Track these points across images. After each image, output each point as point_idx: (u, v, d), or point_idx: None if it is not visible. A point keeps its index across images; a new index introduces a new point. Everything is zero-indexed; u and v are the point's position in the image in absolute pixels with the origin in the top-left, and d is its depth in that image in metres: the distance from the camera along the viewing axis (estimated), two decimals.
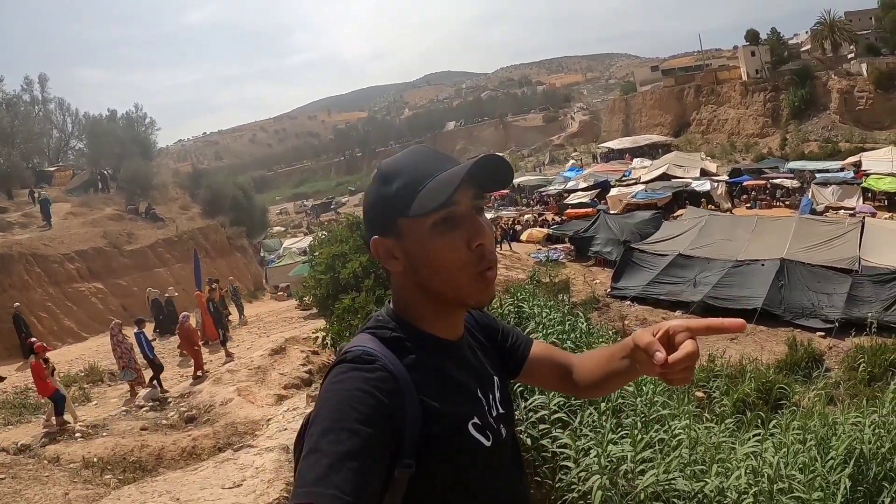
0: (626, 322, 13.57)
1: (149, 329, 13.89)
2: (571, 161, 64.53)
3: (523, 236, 27.31)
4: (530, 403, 4.02)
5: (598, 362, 1.40)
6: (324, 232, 21.29)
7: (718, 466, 3.31)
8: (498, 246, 28.23)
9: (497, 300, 6.05)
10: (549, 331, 5.50)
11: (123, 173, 28.93)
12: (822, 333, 14.79)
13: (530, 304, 6.49)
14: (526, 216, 33.94)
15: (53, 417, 9.94)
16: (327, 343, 11.71)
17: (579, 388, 1.46)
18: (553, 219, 32.97)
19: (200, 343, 13.18)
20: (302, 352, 13.21)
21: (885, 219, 25.09)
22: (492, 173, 1.15)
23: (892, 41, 54.73)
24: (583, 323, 6.57)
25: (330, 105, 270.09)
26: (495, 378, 1.33)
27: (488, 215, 1.58)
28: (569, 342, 5.40)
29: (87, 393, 12.32)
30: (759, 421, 4.46)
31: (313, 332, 12.74)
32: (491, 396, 1.27)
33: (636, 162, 50.13)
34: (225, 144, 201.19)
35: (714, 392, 7.04)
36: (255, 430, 9.05)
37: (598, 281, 20.23)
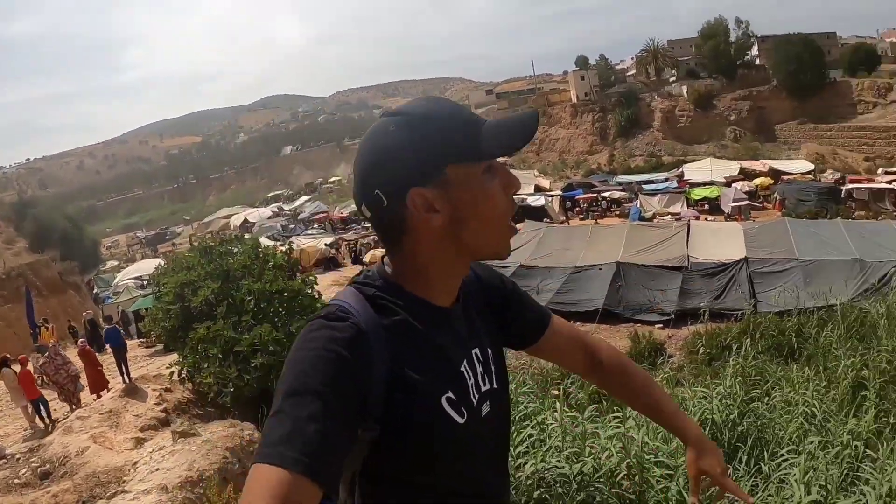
0: None
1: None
2: None
3: (366, 258, 27.07)
4: None
5: (643, 400, 1.49)
6: (162, 262, 19.99)
7: (590, 448, 3.54)
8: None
9: None
10: None
11: None
12: (661, 325, 15.98)
13: None
14: (368, 238, 33.85)
15: None
16: (184, 377, 11.00)
17: (597, 380, 1.52)
18: None
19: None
20: (154, 390, 12.24)
21: (708, 220, 27.52)
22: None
23: (710, 66, 61.08)
24: None
25: (162, 129, 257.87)
26: (488, 350, 1.24)
27: (328, 239, 1.40)
28: None
29: None
30: (615, 407, 4.62)
31: (166, 368, 11.89)
32: (479, 370, 1.19)
33: None
34: (50, 172, 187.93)
35: (570, 388, 7.19)
36: (120, 476, 8.27)
37: None
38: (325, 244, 30.33)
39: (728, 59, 59.86)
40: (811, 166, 40.66)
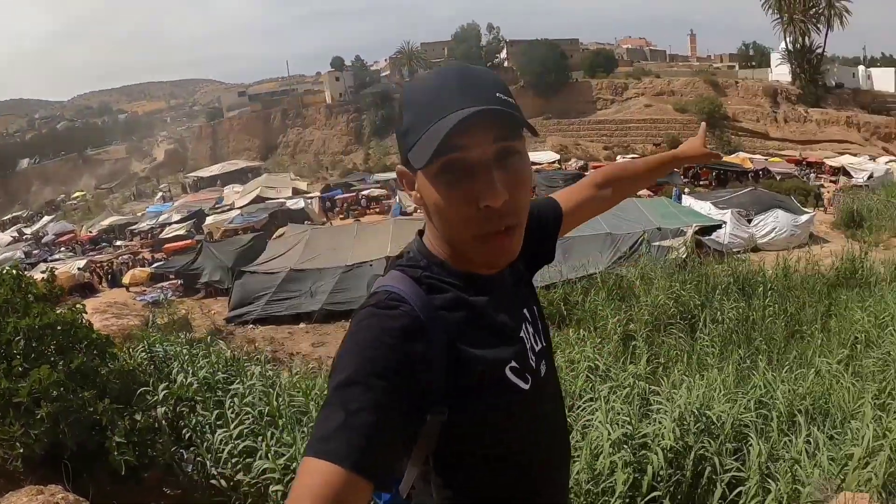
0: (257, 344, 13.42)
1: None
2: (160, 193, 61.12)
3: (125, 279, 24.90)
4: None
5: (638, 179, 1.73)
6: None
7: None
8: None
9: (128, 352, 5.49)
10: (196, 369, 5.20)
11: None
12: None
13: (163, 346, 6.05)
14: (123, 257, 31.13)
15: None
16: None
17: (613, 197, 1.62)
18: (152, 256, 30.86)
19: None
20: None
21: None
22: (506, 118, 0.99)
23: None
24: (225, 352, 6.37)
25: None
26: (535, 307, 1.23)
27: (80, 262, 1.35)
28: (220, 373, 5.20)
29: None
30: None
31: None
32: (532, 330, 1.18)
33: (228, 188, 49.71)
34: None
35: None
36: None
37: (214, 311, 19.58)
38: (78, 268, 27.35)
39: (478, 61, 64.08)
40: (557, 156, 46.41)
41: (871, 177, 32.29)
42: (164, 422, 4.27)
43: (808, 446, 3.55)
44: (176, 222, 38.46)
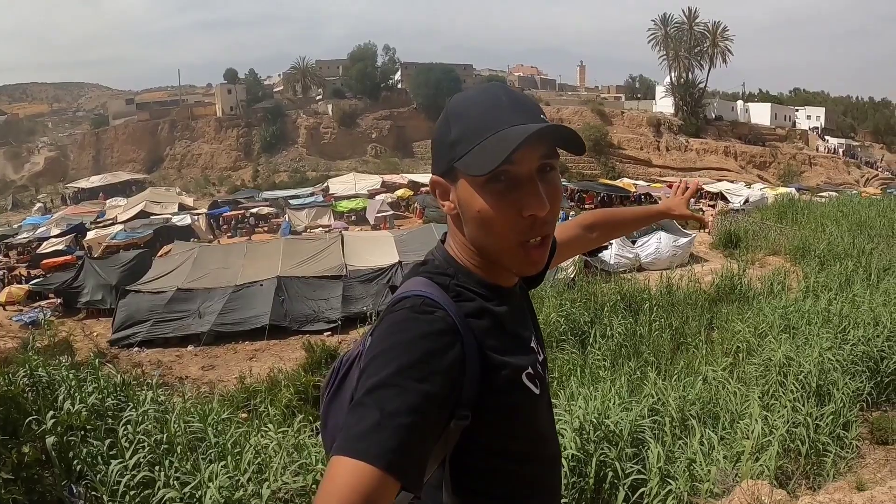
0: (144, 368, 12.74)
1: None
2: (39, 204, 57.42)
3: (1, 296, 23.12)
4: None
5: (623, 226, 1.93)
6: None
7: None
8: None
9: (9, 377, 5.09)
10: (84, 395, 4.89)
11: None
12: (329, 333, 16.45)
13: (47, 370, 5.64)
14: None
15: None
16: None
17: (598, 239, 1.79)
18: (29, 272, 28.80)
19: None
20: None
21: (357, 231, 29.04)
22: (562, 141, 1.07)
23: (356, 87, 65.12)
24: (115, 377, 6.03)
25: None
26: (535, 321, 1.29)
27: None
28: (110, 399, 4.92)
29: None
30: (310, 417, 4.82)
31: None
32: (536, 341, 1.22)
33: (111, 201, 47.35)
34: None
35: (260, 407, 7.18)
36: None
37: (97, 333, 18.48)
38: None
39: (373, 81, 64.57)
40: None
41: (747, 201, 34.68)
42: (52, 453, 3.96)
43: (703, 447, 3.76)
44: (55, 236, 36.01)
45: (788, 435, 3.98)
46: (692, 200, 2.14)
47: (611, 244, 20.05)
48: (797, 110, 67.08)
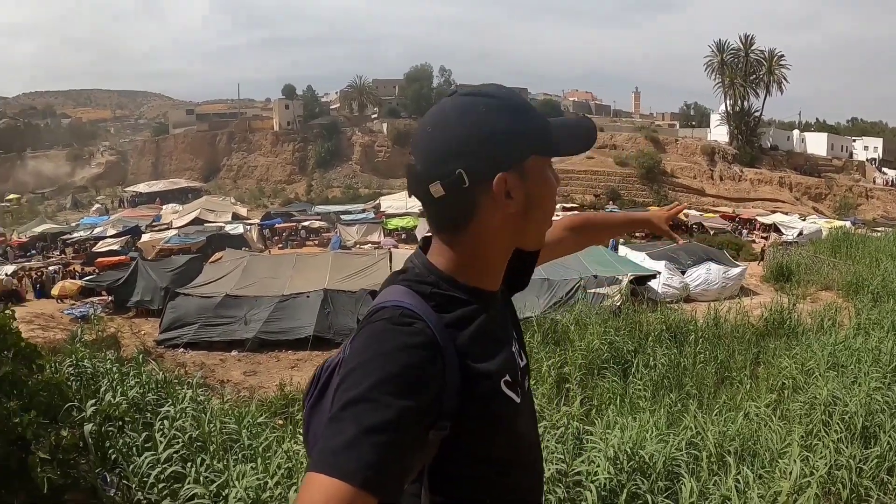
0: (187, 369, 13.03)
1: None
2: (97, 205, 59.36)
3: (54, 290, 23.91)
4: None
5: (607, 230, 2.00)
6: None
7: None
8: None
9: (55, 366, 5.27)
10: (125, 388, 5.03)
11: None
12: None
13: (92, 362, 5.82)
14: (51, 267, 29.88)
15: None
16: None
17: (579, 243, 1.79)
18: (83, 269, 29.76)
19: None
20: None
21: (407, 249, 29.24)
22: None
23: (411, 107, 66.15)
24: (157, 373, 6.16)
25: None
26: (517, 327, 1.27)
27: (9, 268, 1.32)
28: (150, 394, 5.04)
29: None
30: None
31: None
32: (515, 347, 1.21)
33: (167, 207, 48.73)
34: None
35: (297, 415, 7.23)
36: None
37: (144, 332, 18.94)
38: (6, 274, 26.10)
39: (429, 102, 64.98)
40: None
41: (800, 234, 33.83)
42: (90, 440, 4.08)
43: (738, 484, 3.66)
44: (111, 236, 37.24)
45: (829, 477, 3.86)
46: (742, 230, 2.14)
47: (659, 273, 19.80)
48: (854, 140, 64.76)
